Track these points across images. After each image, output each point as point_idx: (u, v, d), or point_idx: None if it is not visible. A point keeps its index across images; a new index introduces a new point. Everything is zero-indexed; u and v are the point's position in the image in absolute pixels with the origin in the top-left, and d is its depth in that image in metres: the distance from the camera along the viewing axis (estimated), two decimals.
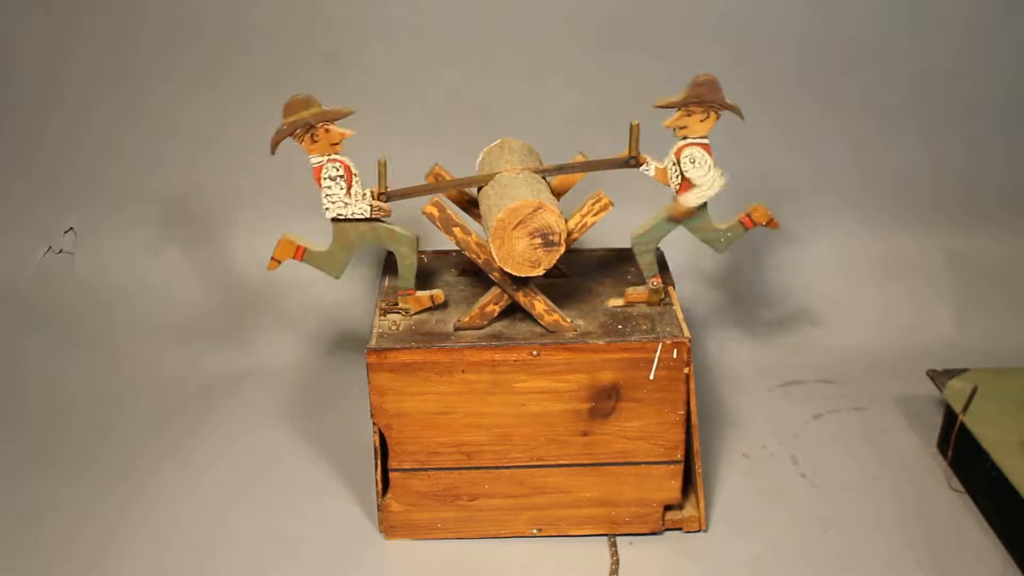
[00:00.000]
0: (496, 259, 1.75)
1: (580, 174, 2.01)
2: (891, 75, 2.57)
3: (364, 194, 1.83)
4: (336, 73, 2.53)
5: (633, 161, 1.86)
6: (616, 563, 1.90)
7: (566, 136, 2.34)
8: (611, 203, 1.80)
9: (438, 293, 1.93)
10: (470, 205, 2.05)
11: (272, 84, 2.51)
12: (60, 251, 2.65)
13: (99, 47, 2.51)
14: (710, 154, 1.82)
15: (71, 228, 2.65)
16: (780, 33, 2.52)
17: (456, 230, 1.80)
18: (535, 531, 1.97)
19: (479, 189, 1.94)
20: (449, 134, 2.54)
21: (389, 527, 1.96)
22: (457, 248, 1.84)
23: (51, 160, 2.62)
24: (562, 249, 1.74)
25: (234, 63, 2.52)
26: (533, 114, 2.54)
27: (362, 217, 1.84)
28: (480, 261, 1.82)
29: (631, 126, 1.83)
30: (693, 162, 1.81)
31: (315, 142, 1.79)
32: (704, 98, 1.78)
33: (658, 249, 2.08)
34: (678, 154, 1.83)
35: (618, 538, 1.97)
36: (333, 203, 1.82)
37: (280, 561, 1.92)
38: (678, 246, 2.50)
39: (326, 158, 1.80)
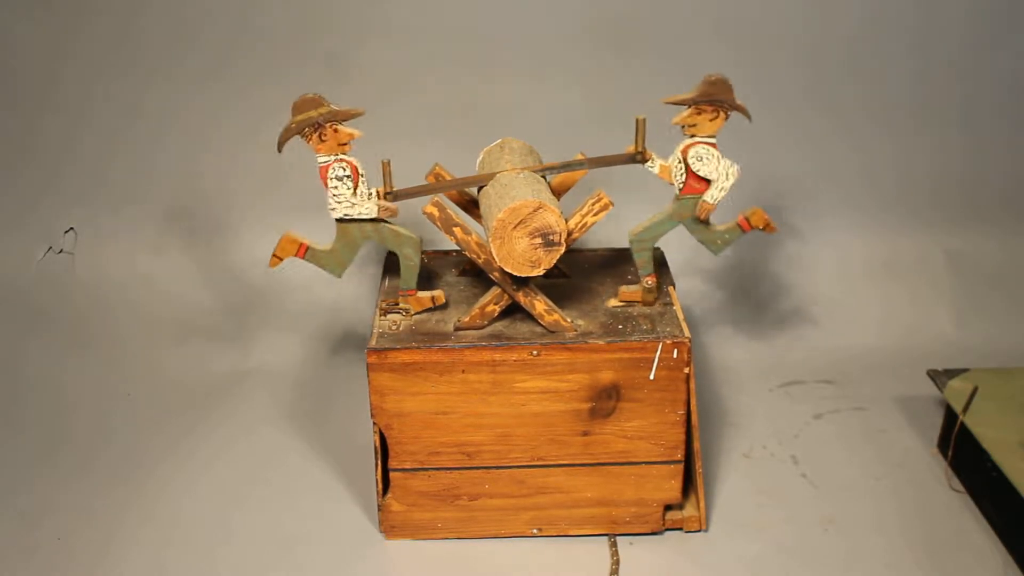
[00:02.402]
0: (496, 259, 1.75)
1: (580, 173, 2.01)
2: (891, 75, 2.57)
3: (370, 194, 1.83)
4: (336, 73, 2.53)
5: (640, 156, 1.86)
6: (616, 563, 1.90)
7: (566, 136, 2.34)
8: (611, 203, 1.80)
9: (439, 294, 1.93)
10: (471, 205, 2.05)
11: (273, 84, 2.51)
12: (60, 251, 2.65)
13: (99, 47, 2.51)
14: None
15: (71, 228, 2.65)
16: (781, 33, 2.52)
17: (456, 230, 1.80)
18: (535, 531, 1.97)
19: (479, 189, 1.94)
20: (449, 134, 2.54)
21: (389, 527, 1.96)
22: (457, 248, 1.84)
23: (51, 160, 2.62)
24: (562, 249, 1.74)
25: (235, 63, 2.52)
26: (533, 114, 2.54)
27: (368, 217, 1.85)
28: (480, 261, 1.82)
29: (637, 121, 1.83)
30: (700, 159, 1.81)
31: (323, 141, 1.78)
32: (715, 97, 1.78)
33: (658, 248, 2.08)
34: (684, 152, 1.83)
35: (618, 538, 1.97)
36: (340, 203, 1.82)
37: (280, 561, 1.92)
38: (678, 246, 2.50)
39: (333, 158, 1.80)
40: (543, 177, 1.91)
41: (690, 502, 1.99)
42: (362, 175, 1.81)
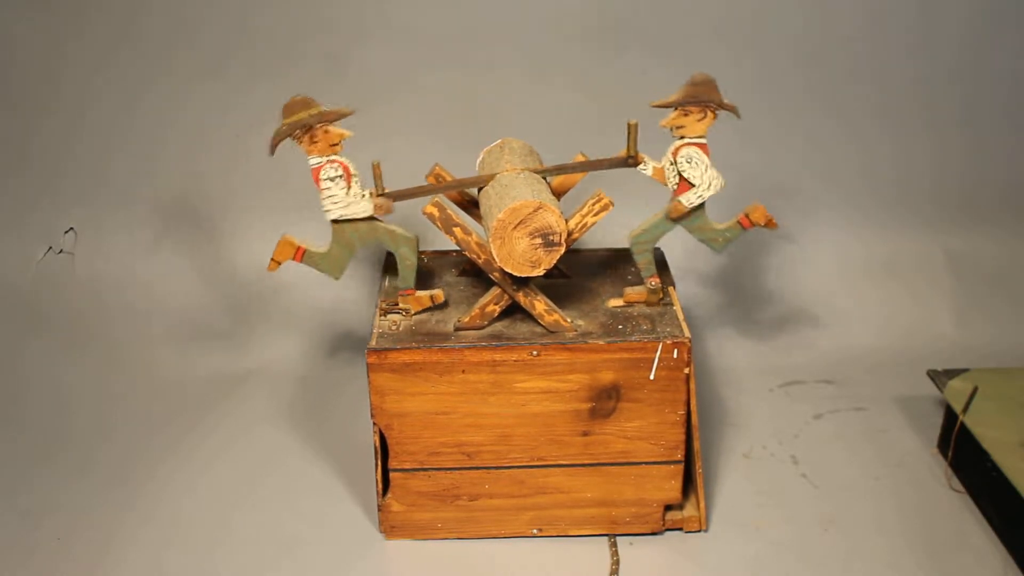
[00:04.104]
0: (496, 259, 1.75)
1: (580, 174, 2.01)
2: (892, 75, 2.57)
3: (364, 194, 1.83)
4: (336, 73, 2.53)
5: (632, 160, 1.86)
6: (616, 563, 1.90)
7: (566, 136, 2.34)
8: (611, 203, 1.80)
9: (438, 293, 1.93)
10: (471, 205, 2.05)
11: (272, 84, 2.51)
12: (60, 251, 2.65)
13: (99, 47, 2.51)
14: (707, 154, 1.82)
15: (71, 228, 2.65)
16: (781, 33, 2.52)
17: (456, 230, 1.80)
18: (535, 531, 1.97)
19: (479, 189, 1.94)
20: (449, 134, 2.54)
21: (389, 527, 1.96)
22: (457, 248, 1.84)
23: (51, 160, 2.62)
24: (562, 249, 1.74)
25: (234, 63, 2.52)
26: (533, 114, 2.54)
27: (363, 217, 1.84)
28: (480, 261, 1.82)
29: (629, 126, 1.83)
30: (690, 162, 1.81)
31: (314, 143, 1.78)
32: (701, 97, 1.78)
33: (658, 249, 2.08)
34: (675, 154, 1.83)
35: (618, 538, 1.97)
36: (334, 204, 1.82)
37: (280, 561, 1.92)
38: (678, 246, 2.51)
39: (325, 159, 1.80)
40: (543, 177, 1.91)
41: (690, 502, 1.99)
42: (354, 175, 1.81)
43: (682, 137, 1.82)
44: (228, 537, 1.99)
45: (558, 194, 2.01)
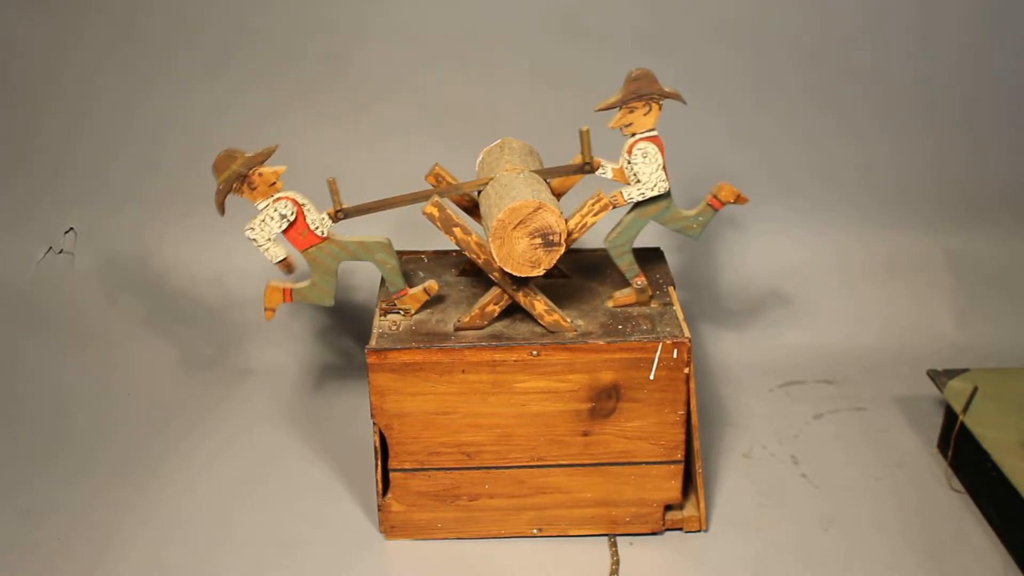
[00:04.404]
0: (496, 259, 1.75)
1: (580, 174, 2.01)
2: (892, 75, 2.57)
3: (323, 218, 1.84)
4: (336, 73, 2.53)
5: (588, 167, 1.85)
6: (616, 563, 1.90)
7: (566, 136, 2.34)
8: (611, 203, 1.80)
9: (431, 284, 1.91)
10: (471, 206, 2.05)
11: (272, 84, 2.51)
12: (60, 251, 2.65)
13: (99, 47, 2.51)
14: (662, 149, 1.80)
15: (71, 228, 2.65)
16: (781, 33, 2.52)
17: (456, 230, 1.80)
18: (535, 531, 1.97)
19: (479, 192, 1.94)
20: (449, 134, 2.54)
21: (389, 527, 1.97)
22: (457, 248, 1.84)
23: (51, 160, 2.62)
24: (562, 249, 1.74)
25: (234, 63, 2.52)
26: (533, 114, 2.54)
27: (279, 259, 1.86)
28: (480, 261, 1.82)
29: (581, 132, 1.82)
30: (645, 156, 1.80)
31: (254, 189, 1.79)
32: (641, 91, 1.77)
33: (658, 248, 2.08)
34: (630, 151, 1.82)
35: (618, 538, 1.97)
36: (261, 232, 1.82)
37: (280, 561, 1.92)
38: (678, 246, 2.51)
39: (271, 200, 1.80)
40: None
41: (690, 502, 1.99)
42: (304, 203, 1.82)
43: (633, 135, 1.81)
44: (228, 537, 1.99)
45: (558, 194, 2.01)
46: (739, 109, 2.58)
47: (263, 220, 1.81)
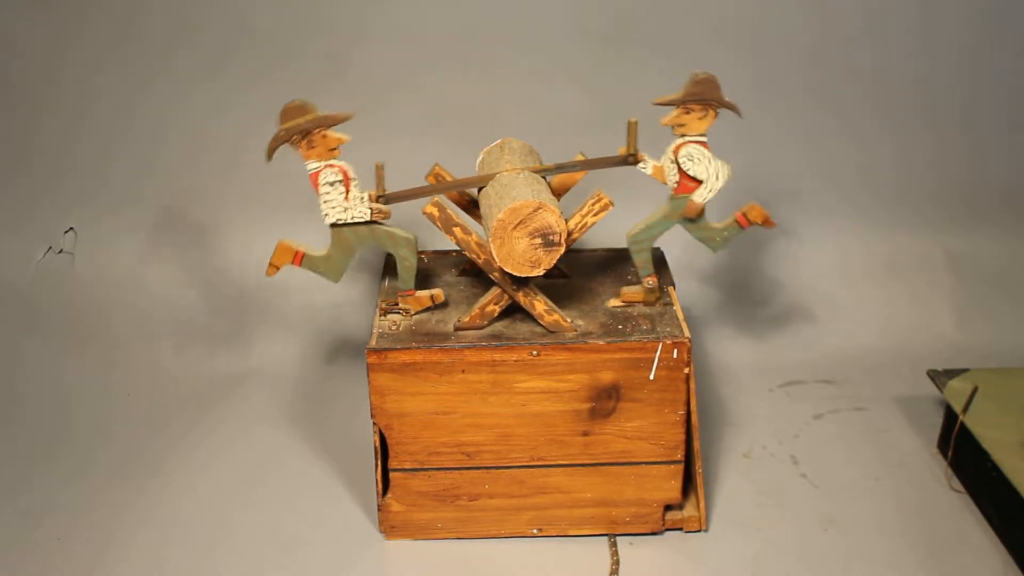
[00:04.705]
0: (496, 259, 1.75)
1: (580, 174, 2.01)
2: (892, 75, 2.57)
3: (362, 197, 1.82)
4: (336, 73, 2.52)
5: (632, 159, 1.86)
6: (616, 563, 1.90)
7: (566, 136, 2.34)
8: (611, 203, 1.80)
9: (438, 292, 1.93)
10: (471, 205, 2.05)
11: (272, 84, 2.51)
12: (60, 251, 2.65)
13: (99, 47, 2.51)
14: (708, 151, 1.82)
15: (71, 228, 2.65)
16: (781, 33, 2.52)
17: (456, 230, 1.80)
18: (535, 531, 1.97)
19: (479, 189, 1.94)
20: (449, 134, 2.54)
21: (389, 527, 1.96)
22: (457, 248, 1.84)
23: (51, 160, 2.62)
24: (562, 249, 1.74)
25: (234, 63, 2.52)
26: (533, 114, 2.54)
27: (362, 221, 1.84)
28: (480, 261, 1.82)
29: (629, 123, 1.83)
30: (691, 159, 1.81)
31: (312, 148, 1.77)
32: (703, 96, 1.78)
33: (657, 248, 2.08)
34: (676, 152, 1.83)
35: (618, 538, 1.97)
36: (332, 208, 1.81)
37: (280, 561, 1.92)
38: (678, 246, 2.51)
39: (324, 164, 1.79)
40: (543, 177, 1.91)
41: (690, 502, 1.99)
42: (353, 179, 1.80)
43: (683, 135, 1.82)
44: (228, 537, 1.99)
45: (558, 194, 2.01)
46: (739, 108, 2.57)
47: (324, 201, 1.80)
